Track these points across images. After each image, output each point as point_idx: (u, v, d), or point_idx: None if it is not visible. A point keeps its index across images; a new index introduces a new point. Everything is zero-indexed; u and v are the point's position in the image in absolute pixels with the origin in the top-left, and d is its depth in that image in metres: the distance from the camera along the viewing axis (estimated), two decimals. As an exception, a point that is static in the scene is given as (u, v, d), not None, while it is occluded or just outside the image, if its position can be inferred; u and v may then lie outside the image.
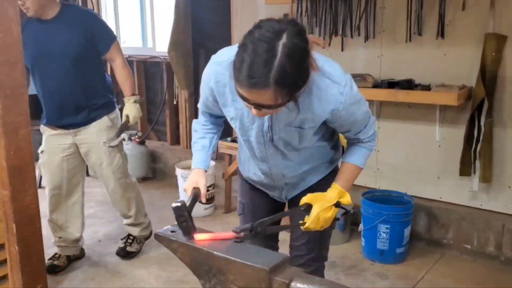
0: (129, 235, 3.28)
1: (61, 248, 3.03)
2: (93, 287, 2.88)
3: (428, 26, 3.18)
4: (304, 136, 1.60)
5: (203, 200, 1.62)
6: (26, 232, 1.65)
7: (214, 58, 1.61)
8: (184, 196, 1.74)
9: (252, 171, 1.81)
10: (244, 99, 1.34)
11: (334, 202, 1.58)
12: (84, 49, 2.75)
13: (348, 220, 3.45)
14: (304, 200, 1.59)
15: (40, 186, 4.64)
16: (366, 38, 3.43)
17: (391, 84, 3.25)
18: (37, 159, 2.14)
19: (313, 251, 1.84)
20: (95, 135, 2.87)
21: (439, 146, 3.31)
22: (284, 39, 1.26)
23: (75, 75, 2.74)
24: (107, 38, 2.88)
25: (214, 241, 1.43)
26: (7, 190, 1.60)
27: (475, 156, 3.06)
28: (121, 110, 3.05)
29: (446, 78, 3.17)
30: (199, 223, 1.50)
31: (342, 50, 3.58)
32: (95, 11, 4.85)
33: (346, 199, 1.61)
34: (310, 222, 1.56)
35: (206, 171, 1.67)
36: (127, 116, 2.94)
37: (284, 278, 1.26)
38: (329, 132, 1.73)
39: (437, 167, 3.35)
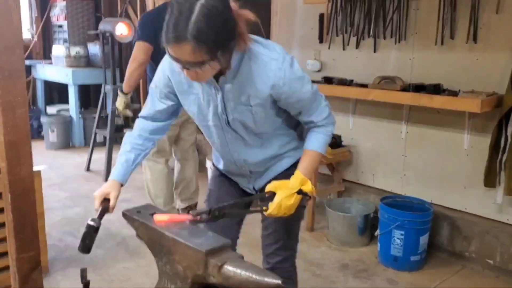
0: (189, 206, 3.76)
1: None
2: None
3: (461, 29, 3.06)
4: (256, 116, 1.63)
5: (111, 212, 1.68)
6: (20, 202, 1.82)
7: None
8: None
9: (219, 159, 1.87)
10: (173, 58, 1.44)
11: (297, 189, 1.62)
12: None
13: (368, 224, 3.40)
14: (268, 187, 1.65)
15: (88, 169, 4.98)
16: (398, 40, 3.36)
17: (418, 88, 3.17)
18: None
19: (280, 241, 1.87)
20: None
21: (467, 154, 3.18)
22: (203, 0, 1.37)
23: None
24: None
25: (171, 223, 1.51)
26: (4, 163, 1.78)
27: (500, 167, 2.91)
28: None
29: (477, 84, 3.04)
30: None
31: (374, 51, 3.53)
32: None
33: (307, 187, 1.63)
34: (272, 208, 1.61)
35: (122, 185, 1.71)
36: None
37: (218, 261, 1.31)
38: (292, 121, 1.77)
39: (464, 177, 3.22)
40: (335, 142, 3.70)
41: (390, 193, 3.55)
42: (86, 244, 1.55)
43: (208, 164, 4.13)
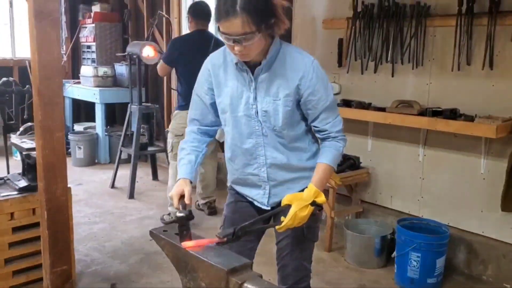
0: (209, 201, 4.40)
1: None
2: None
3: (477, 56, 3.14)
4: (282, 109, 1.78)
5: (190, 204, 1.80)
6: (55, 219, 1.96)
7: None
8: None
9: (235, 167, 1.95)
10: (224, 34, 1.65)
11: (310, 201, 1.73)
12: None
13: (385, 245, 3.45)
14: (284, 201, 1.76)
15: (113, 186, 5.14)
16: (416, 65, 3.45)
17: (435, 113, 3.24)
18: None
19: (295, 261, 1.97)
20: None
21: (484, 179, 3.22)
22: None
23: None
24: None
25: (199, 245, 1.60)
26: (42, 182, 1.92)
27: (516, 192, 2.95)
28: None
29: (494, 109, 3.10)
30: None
31: (392, 76, 3.62)
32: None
33: (321, 199, 1.75)
34: (288, 219, 1.72)
35: (191, 182, 1.84)
36: None
37: (239, 279, 1.41)
38: (312, 138, 1.90)
39: (481, 200, 3.26)
40: (354, 164, 3.78)
41: (408, 215, 3.60)
42: (185, 235, 1.61)
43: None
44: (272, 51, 1.75)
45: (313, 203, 1.74)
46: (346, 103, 3.80)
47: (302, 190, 1.84)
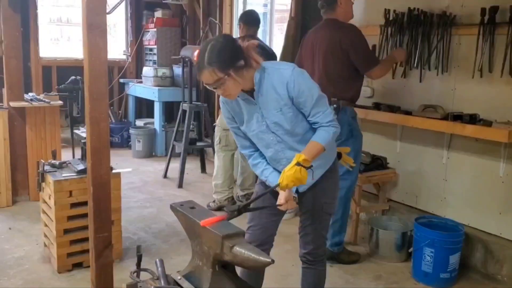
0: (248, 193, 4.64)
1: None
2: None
3: (499, 63, 3.26)
4: (287, 116, 2.15)
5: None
6: (99, 194, 2.39)
7: None
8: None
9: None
10: (205, 84, 2.06)
11: (295, 163, 2.06)
12: None
13: (406, 241, 3.64)
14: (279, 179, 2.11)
15: (165, 176, 5.61)
16: (442, 71, 3.61)
17: (457, 117, 3.41)
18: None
19: (314, 231, 2.40)
20: None
21: (503, 182, 3.35)
22: (212, 42, 2.04)
23: None
24: None
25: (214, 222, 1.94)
26: (90, 163, 2.36)
27: (530, 195, 3.07)
28: None
29: (513, 115, 3.23)
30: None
31: (420, 81, 3.80)
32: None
33: (302, 158, 2.06)
34: (282, 180, 2.07)
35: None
36: None
37: (230, 243, 1.75)
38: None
39: (499, 203, 3.38)
40: (381, 164, 3.99)
41: (431, 215, 3.76)
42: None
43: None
44: (256, 78, 2.11)
45: (298, 164, 2.06)
46: (377, 106, 4.02)
47: (320, 178, 2.31)
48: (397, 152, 4.10)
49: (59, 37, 9.16)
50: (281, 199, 2.20)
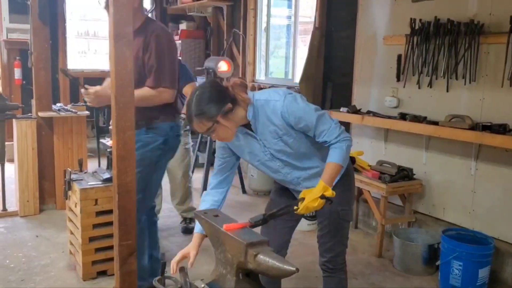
0: (185, 218, 4.35)
1: None
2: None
3: (529, 72, 3.20)
4: (288, 143, 2.16)
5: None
6: (124, 201, 2.39)
7: None
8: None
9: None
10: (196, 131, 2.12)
11: (319, 195, 2.03)
12: None
13: (433, 254, 3.56)
14: (301, 195, 2.09)
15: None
16: (469, 81, 3.55)
17: (485, 127, 3.33)
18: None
19: (334, 238, 2.38)
20: None
21: (534, 194, 3.25)
22: (197, 92, 2.08)
23: None
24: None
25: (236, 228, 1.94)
26: (115, 171, 2.38)
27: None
28: None
29: (544, 125, 3.14)
30: (299, 234, 2.15)
31: (447, 91, 3.74)
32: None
33: (328, 193, 2.03)
34: (300, 209, 2.05)
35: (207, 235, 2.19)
36: None
37: (254, 251, 1.74)
38: (317, 143, 2.20)
39: (531, 215, 3.28)
40: (407, 175, 3.92)
41: (459, 227, 3.67)
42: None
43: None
44: (249, 115, 2.12)
45: (322, 196, 2.03)
46: (402, 116, 3.97)
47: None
48: (423, 163, 4.02)
49: (86, 50, 9.37)
50: (303, 206, 2.10)
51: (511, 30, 3.22)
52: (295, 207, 2.06)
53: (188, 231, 4.27)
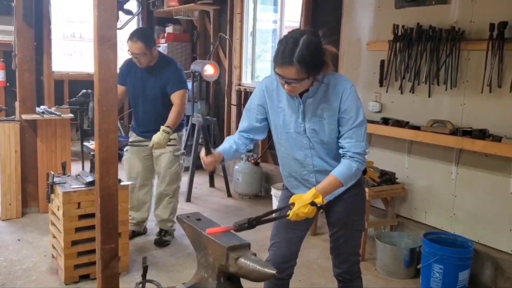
0: (161, 230, 4.12)
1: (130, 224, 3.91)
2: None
3: (508, 79, 3.26)
4: (326, 127, 2.15)
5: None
6: (106, 204, 2.39)
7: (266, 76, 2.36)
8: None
9: (288, 170, 2.34)
10: (279, 75, 2.02)
11: (309, 201, 2.03)
12: (162, 90, 3.82)
13: (415, 257, 3.60)
14: (291, 200, 2.09)
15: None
16: (451, 86, 3.61)
17: (466, 133, 3.39)
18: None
19: (349, 248, 2.37)
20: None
21: (513, 198, 3.31)
22: (305, 37, 1.98)
23: (158, 105, 3.84)
24: (176, 85, 3.81)
25: (220, 232, 1.94)
26: (98, 174, 2.38)
27: (540, 211, 3.03)
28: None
29: (523, 131, 3.20)
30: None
31: (429, 96, 3.80)
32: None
33: (319, 200, 2.03)
34: (291, 215, 2.06)
35: (223, 160, 2.26)
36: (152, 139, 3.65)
37: (235, 255, 1.75)
38: None
39: (509, 219, 3.34)
40: (390, 179, 3.97)
41: (440, 231, 3.72)
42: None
43: (273, 191, 4.59)
44: (317, 82, 2.10)
45: (313, 203, 2.04)
46: (385, 121, 4.02)
47: (343, 193, 2.29)
48: (405, 167, 4.08)
49: (72, 52, 9.32)
50: (293, 212, 2.08)
51: (491, 37, 3.29)
52: (288, 213, 2.06)
53: (160, 243, 4.05)
